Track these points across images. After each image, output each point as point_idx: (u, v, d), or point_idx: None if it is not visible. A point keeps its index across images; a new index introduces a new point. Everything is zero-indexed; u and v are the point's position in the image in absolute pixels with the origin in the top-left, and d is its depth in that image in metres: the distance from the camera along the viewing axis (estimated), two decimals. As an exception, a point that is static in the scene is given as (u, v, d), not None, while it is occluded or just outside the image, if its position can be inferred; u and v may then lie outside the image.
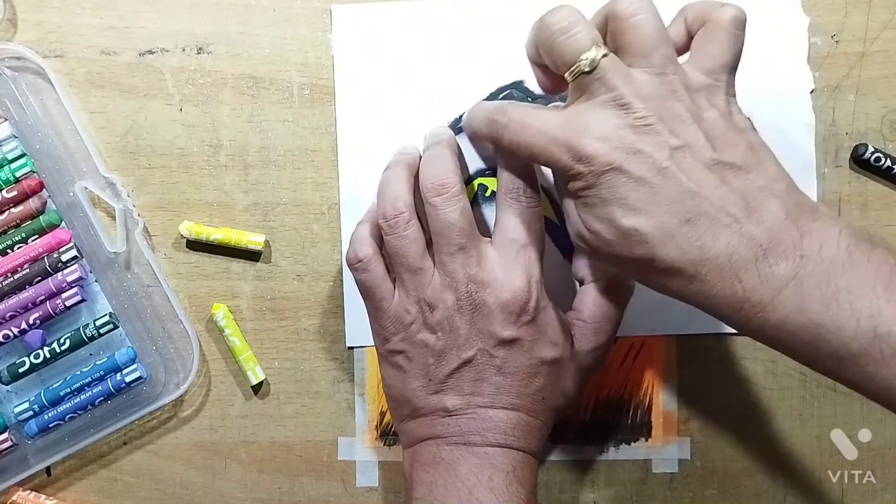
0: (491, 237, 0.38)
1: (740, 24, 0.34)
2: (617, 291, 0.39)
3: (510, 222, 0.38)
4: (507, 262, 0.37)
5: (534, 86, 0.42)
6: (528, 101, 0.42)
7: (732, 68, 0.34)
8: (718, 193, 0.31)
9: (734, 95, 0.34)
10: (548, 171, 0.43)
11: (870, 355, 0.30)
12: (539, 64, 0.36)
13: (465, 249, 0.37)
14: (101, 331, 0.42)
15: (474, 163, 0.43)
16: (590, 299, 0.39)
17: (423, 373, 0.38)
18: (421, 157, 0.42)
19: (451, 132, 0.42)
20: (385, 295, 0.38)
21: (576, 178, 0.33)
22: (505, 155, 0.39)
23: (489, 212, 0.43)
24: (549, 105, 0.40)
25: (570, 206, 0.35)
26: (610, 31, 0.33)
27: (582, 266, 0.41)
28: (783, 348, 0.32)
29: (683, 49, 0.35)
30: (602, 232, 0.33)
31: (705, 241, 0.31)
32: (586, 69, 0.32)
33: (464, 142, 0.42)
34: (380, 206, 0.38)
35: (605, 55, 0.32)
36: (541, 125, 0.34)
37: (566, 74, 0.33)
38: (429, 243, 0.38)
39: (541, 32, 0.34)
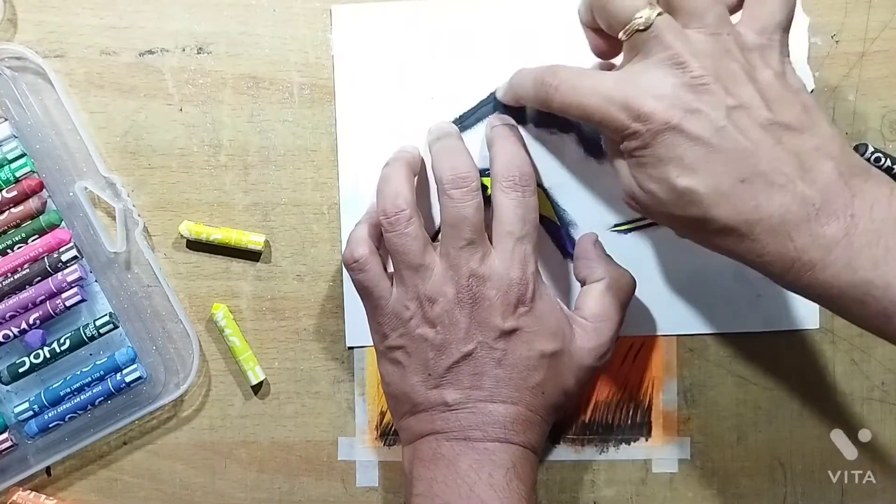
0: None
1: None
2: (618, 291, 0.39)
3: (507, 214, 0.37)
4: (505, 255, 0.37)
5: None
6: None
7: (786, 28, 0.34)
8: (773, 154, 0.32)
9: (788, 55, 0.34)
10: (545, 170, 0.43)
11: None
12: (592, 28, 0.37)
13: (473, 244, 0.37)
14: (101, 331, 0.42)
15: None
16: (591, 298, 0.39)
17: (423, 367, 0.38)
18: (422, 156, 0.42)
19: (456, 127, 0.42)
20: (383, 293, 0.38)
21: (631, 138, 0.33)
22: (499, 141, 0.39)
23: (488, 213, 0.43)
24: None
25: (621, 166, 0.35)
26: None
27: (583, 266, 0.41)
28: (832, 305, 0.33)
29: (735, 8, 0.35)
30: (656, 192, 0.33)
31: (760, 200, 0.31)
32: (641, 27, 0.33)
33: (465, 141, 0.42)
34: (380, 203, 0.38)
35: (659, 14, 0.33)
36: (595, 84, 0.34)
37: (620, 34, 0.34)
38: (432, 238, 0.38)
39: None
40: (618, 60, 0.37)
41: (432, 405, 0.37)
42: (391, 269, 0.39)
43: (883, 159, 0.42)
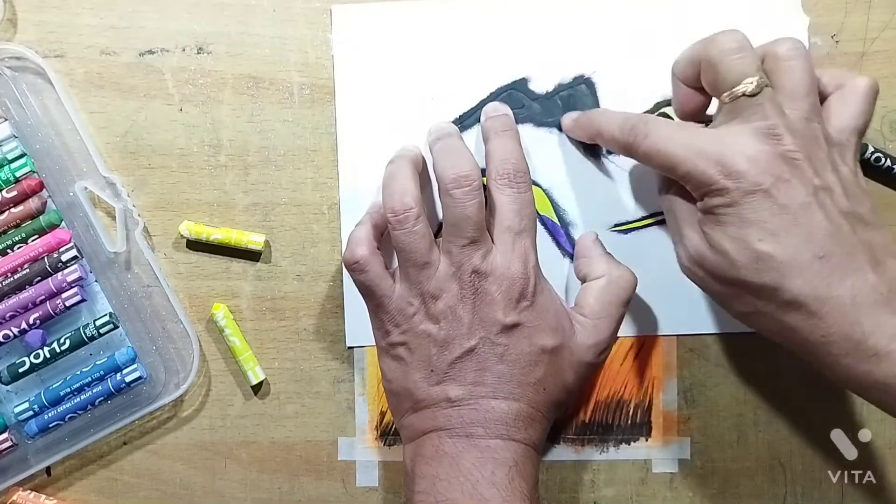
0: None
1: (875, 93, 0.36)
2: (618, 289, 0.39)
3: (504, 210, 0.38)
4: (505, 250, 0.38)
5: (535, 86, 0.42)
6: (529, 101, 0.42)
7: (862, 133, 0.36)
8: (850, 239, 0.33)
9: (858, 160, 0.36)
10: (545, 170, 0.43)
11: None
12: (688, 84, 0.37)
13: (476, 243, 0.37)
14: (101, 331, 0.42)
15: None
16: (590, 296, 0.40)
17: (426, 363, 0.38)
18: (423, 155, 0.42)
19: (456, 127, 0.42)
20: (385, 292, 0.38)
21: (717, 195, 0.34)
22: (494, 137, 0.40)
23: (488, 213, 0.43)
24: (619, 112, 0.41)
25: (691, 229, 0.36)
26: (766, 69, 0.35)
27: (583, 265, 0.41)
28: (887, 399, 0.33)
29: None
30: (732, 252, 0.34)
31: (833, 280, 0.32)
32: (749, 92, 0.34)
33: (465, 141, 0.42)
34: (387, 200, 0.38)
35: (767, 84, 0.34)
36: (691, 138, 0.35)
37: (725, 95, 0.35)
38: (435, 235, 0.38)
39: (709, 49, 0.35)
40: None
41: (435, 402, 0.38)
42: (391, 265, 0.39)
43: (883, 159, 0.42)
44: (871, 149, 0.42)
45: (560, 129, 0.43)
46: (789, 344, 0.35)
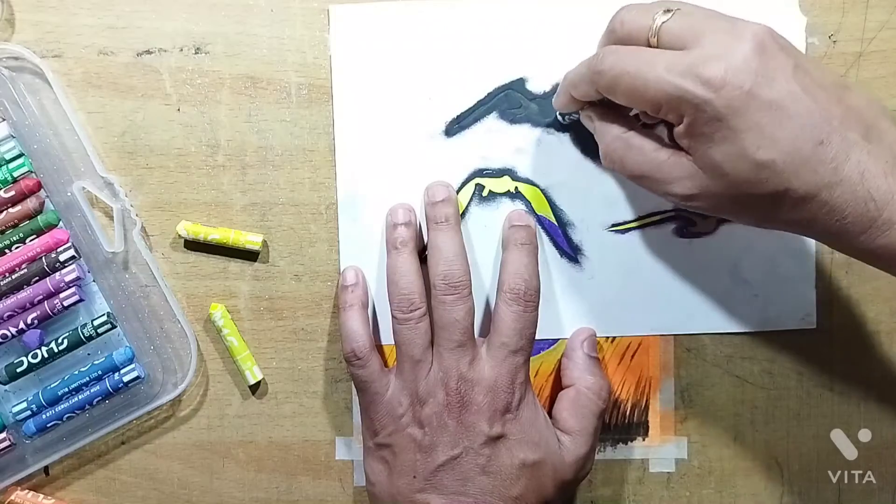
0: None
1: None
2: (588, 401, 0.40)
3: (504, 325, 0.39)
4: (496, 363, 0.38)
5: (533, 86, 0.42)
6: (527, 101, 0.42)
7: None
8: (840, 112, 0.31)
9: None
10: (544, 170, 0.43)
11: None
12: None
13: (463, 346, 0.38)
14: (99, 331, 0.42)
15: (472, 163, 0.43)
16: (564, 408, 0.41)
17: (410, 468, 0.38)
18: (418, 221, 0.42)
19: (454, 192, 0.42)
20: (380, 389, 0.39)
21: (699, 110, 0.31)
22: (513, 249, 0.40)
23: (486, 213, 0.43)
24: None
25: (681, 161, 0.33)
26: None
27: (563, 365, 0.42)
28: None
29: None
30: (731, 171, 0.31)
31: (838, 161, 0.30)
32: (666, 19, 0.33)
33: (458, 143, 0.42)
34: (395, 296, 0.39)
35: (674, 7, 0.33)
36: (653, 55, 0.32)
37: (651, 38, 0.33)
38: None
39: (611, 32, 0.35)
40: None
41: None
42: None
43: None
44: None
45: (559, 130, 0.43)
46: (805, 234, 0.33)
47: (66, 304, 0.41)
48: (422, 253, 0.41)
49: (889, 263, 0.32)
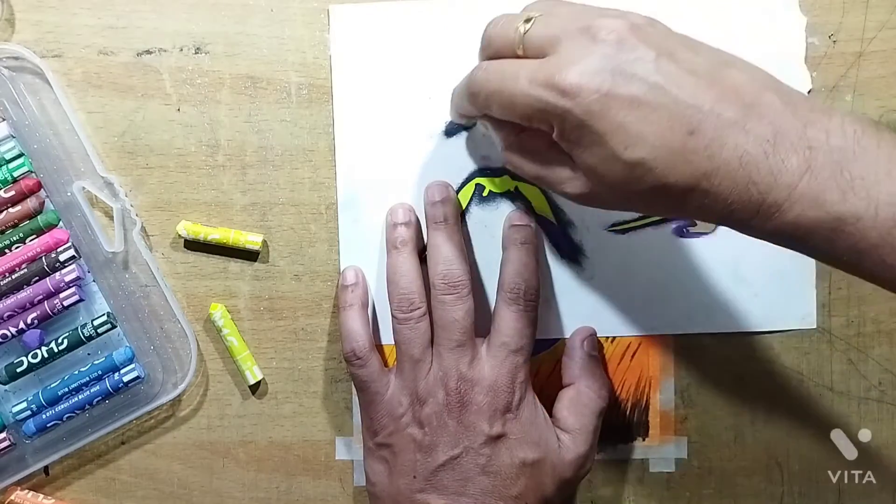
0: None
1: None
2: (589, 400, 0.40)
3: (505, 325, 0.39)
4: (496, 363, 0.38)
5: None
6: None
7: None
8: (712, 95, 0.30)
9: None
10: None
11: (889, 244, 0.29)
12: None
13: (462, 346, 0.38)
14: (99, 330, 0.42)
15: (472, 162, 0.43)
16: (564, 407, 0.41)
17: (410, 469, 0.38)
18: (419, 221, 0.42)
19: (454, 192, 0.42)
20: (379, 389, 0.39)
21: (565, 119, 0.30)
22: (513, 249, 0.40)
23: (486, 213, 0.43)
24: None
25: (562, 169, 0.33)
26: None
27: (564, 364, 0.42)
28: (801, 247, 0.31)
29: None
30: (606, 173, 0.31)
31: (713, 148, 0.29)
32: (526, 28, 0.32)
33: (458, 143, 0.42)
34: (395, 296, 0.39)
35: (535, 15, 0.32)
36: (519, 67, 0.32)
37: (518, 48, 0.33)
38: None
39: (483, 43, 0.35)
40: None
41: None
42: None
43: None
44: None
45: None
46: (705, 220, 0.32)
47: (66, 304, 0.41)
48: (422, 253, 0.41)
49: (791, 245, 0.31)
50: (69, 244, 0.42)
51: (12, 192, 0.42)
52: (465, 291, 0.39)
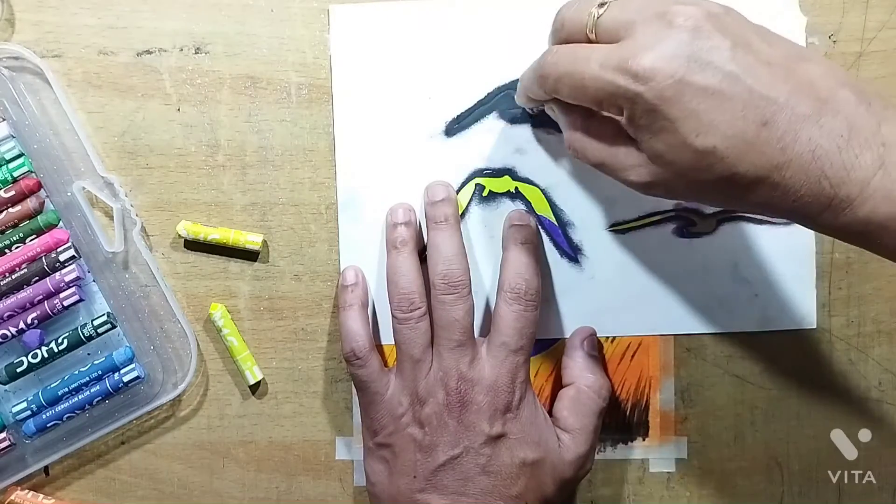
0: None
1: None
2: (588, 400, 0.40)
3: (505, 324, 0.39)
4: (496, 363, 0.38)
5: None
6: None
7: None
8: (788, 88, 0.29)
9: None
10: (544, 170, 0.43)
11: None
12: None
13: (463, 346, 0.38)
14: (99, 330, 0.42)
15: (472, 163, 0.43)
16: (564, 406, 0.41)
17: (410, 468, 0.38)
18: (418, 221, 0.42)
19: (454, 192, 0.42)
20: (379, 389, 0.39)
21: (636, 103, 0.30)
22: (514, 248, 0.40)
23: (486, 213, 0.43)
24: None
25: (630, 153, 0.33)
26: None
27: (564, 363, 0.42)
28: (870, 244, 0.30)
29: None
30: (675, 160, 0.31)
31: (786, 140, 0.29)
32: (600, 13, 0.32)
33: (459, 143, 0.42)
34: (395, 296, 0.39)
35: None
36: (588, 52, 0.32)
37: (589, 32, 0.33)
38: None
39: (553, 27, 0.34)
40: None
41: None
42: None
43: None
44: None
45: (558, 129, 0.42)
46: (768, 215, 0.32)
47: (66, 303, 0.41)
48: (422, 253, 0.41)
49: (859, 241, 0.31)
50: (69, 244, 0.42)
51: (12, 192, 0.42)
52: (465, 291, 0.39)
